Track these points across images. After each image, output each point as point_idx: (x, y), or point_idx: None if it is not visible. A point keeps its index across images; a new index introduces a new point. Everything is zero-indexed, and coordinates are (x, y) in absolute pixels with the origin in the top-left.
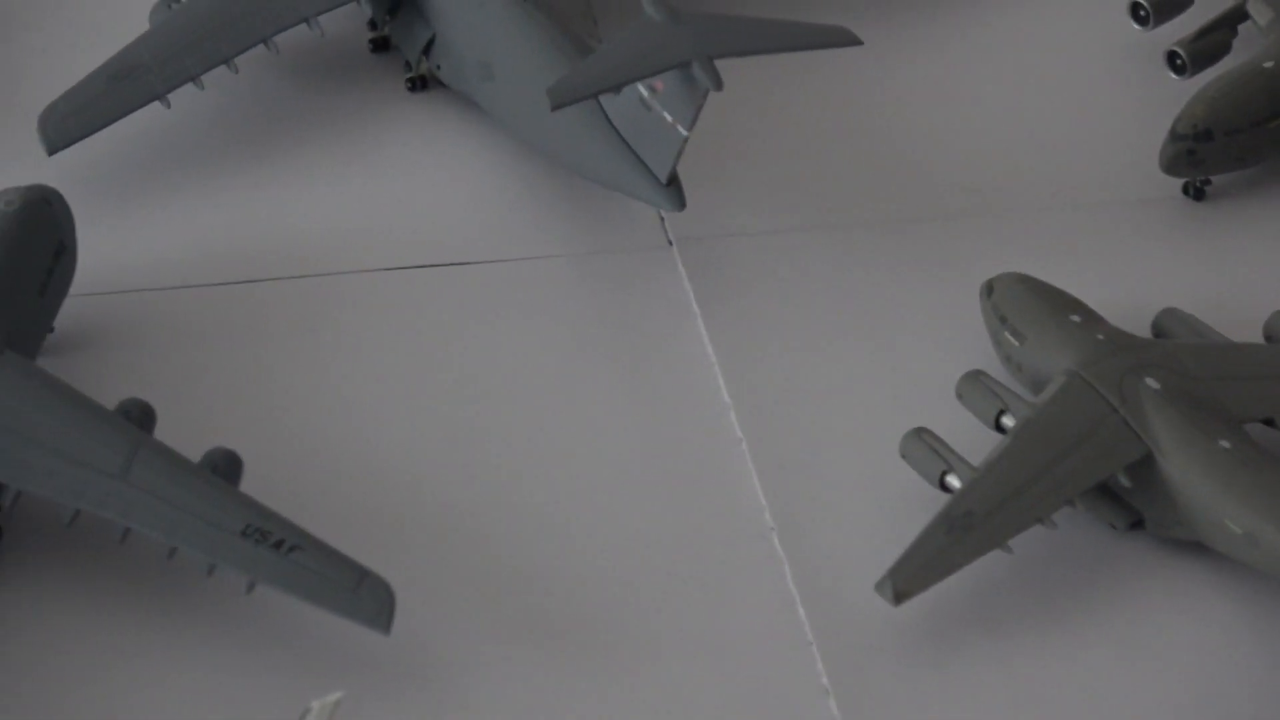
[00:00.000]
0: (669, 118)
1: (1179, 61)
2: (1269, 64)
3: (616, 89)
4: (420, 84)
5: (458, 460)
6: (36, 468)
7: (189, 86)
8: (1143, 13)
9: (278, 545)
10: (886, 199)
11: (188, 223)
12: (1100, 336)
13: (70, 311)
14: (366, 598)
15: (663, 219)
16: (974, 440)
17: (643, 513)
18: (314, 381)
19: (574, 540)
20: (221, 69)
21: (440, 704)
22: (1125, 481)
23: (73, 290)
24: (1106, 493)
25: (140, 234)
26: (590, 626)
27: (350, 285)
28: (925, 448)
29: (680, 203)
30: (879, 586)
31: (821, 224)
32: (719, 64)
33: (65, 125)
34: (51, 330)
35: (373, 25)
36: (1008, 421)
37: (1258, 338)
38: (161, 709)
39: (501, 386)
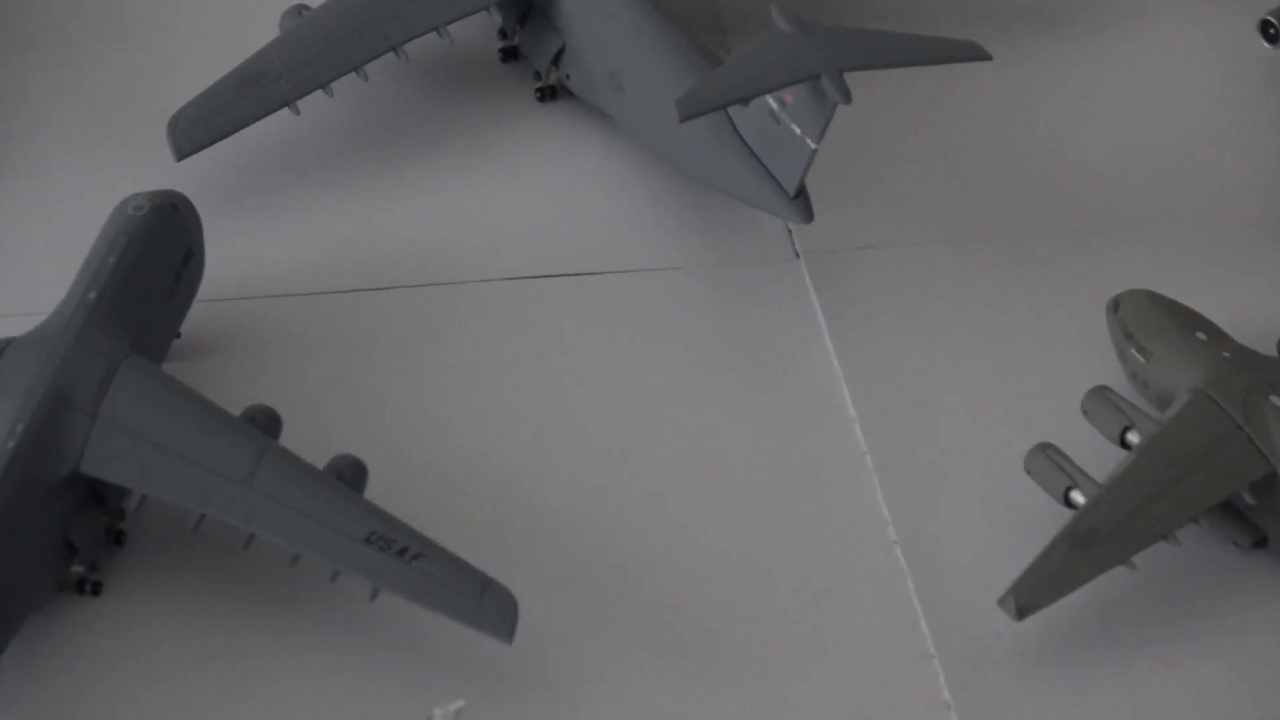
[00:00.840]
0: (798, 130)
1: (1272, 31)
2: None
3: (745, 101)
4: (549, 94)
5: (580, 470)
6: (162, 472)
7: (318, 93)
8: (1272, 30)
9: (401, 553)
10: (1014, 213)
11: (315, 229)
12: (1226, 354)
13: (197, 317)
14: (489, 606)
15: (790, 231)
16: (1099, 456)
17: (766, 525)
18: (438, 390)
19: (696, 551)
20: (351, 76)
21: (560, 713)
22: (1250, 499)
23: (200, 295)
24: (1231, 510)
25: (268, 240)
26: (711, 638)
27: (474, 294)
28: (1050, 463)
29: (808, 215)
30: (1002, 601)
31: (948, 237)
32: (848, 77)
33: (194, 131)
34: (178, 335)
35: (503, 34)
36: (1133, 438)
37: None
38: (283, 716)
39: (624, 397)
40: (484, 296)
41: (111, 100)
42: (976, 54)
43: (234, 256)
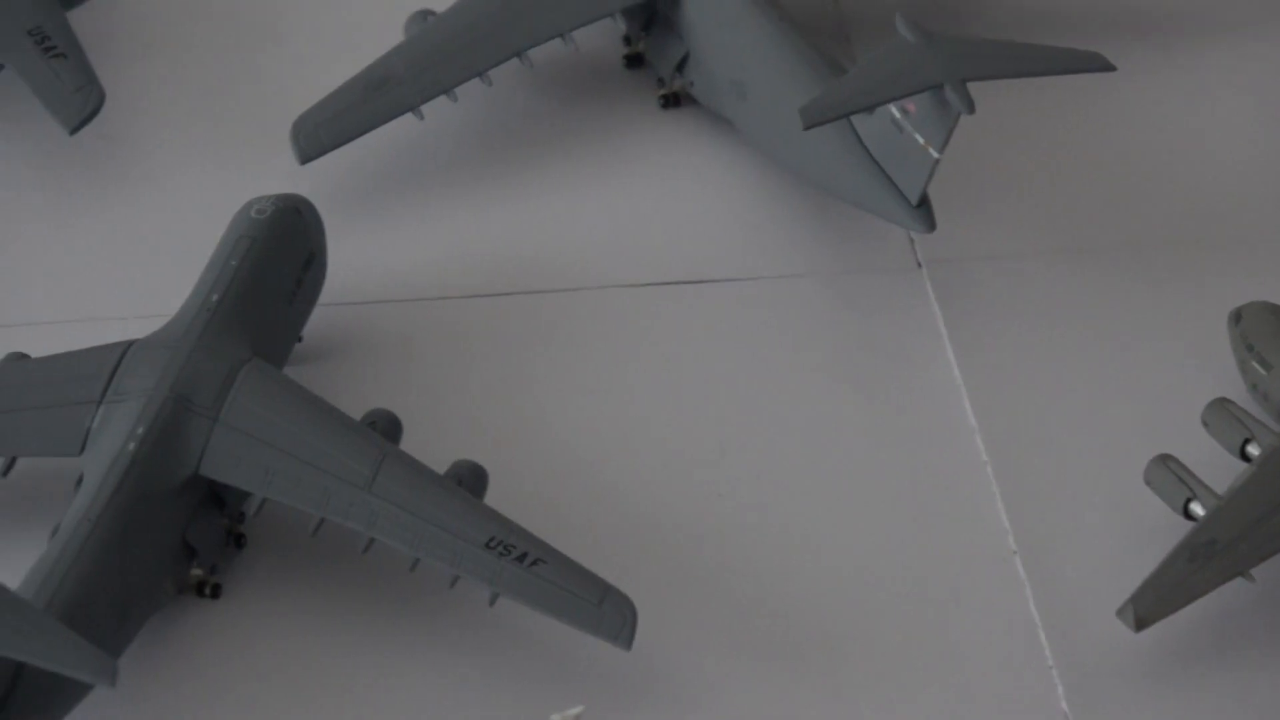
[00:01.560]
0: (920, 139)
1: None
2: None
3: (869, 110)
4: (673, 101)
5: (698, 478)
6: (282, 476)
7: (442, 98)
8: None
9: (521, 558)
10: (1136, 223)
11: (435, 235)
12: None
13: (319, 320)
14: (609, 613)
15: (912, 241)
16: (1219, 468)
17: (885, 534)
18: (557, 396)
19: (813, 560)
20: (475, 81)
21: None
22: None
23: (322, 299)
24: None
25: (390, 244)
26: (828, 647)
27: (594, 300)
28: (1170, 475)
29: (930, 224)
30: (1121, 612)
31: (1070, 248)
32: (972, 86)
33: (318, 135)
34: (300, 339)
35: (627, 41)
36: (1253, 450)
37: None
38: None
39: (743, 404)
40: (604, 303)
41: (236, 103)
42: (1099, 65)
43: (356, 260)
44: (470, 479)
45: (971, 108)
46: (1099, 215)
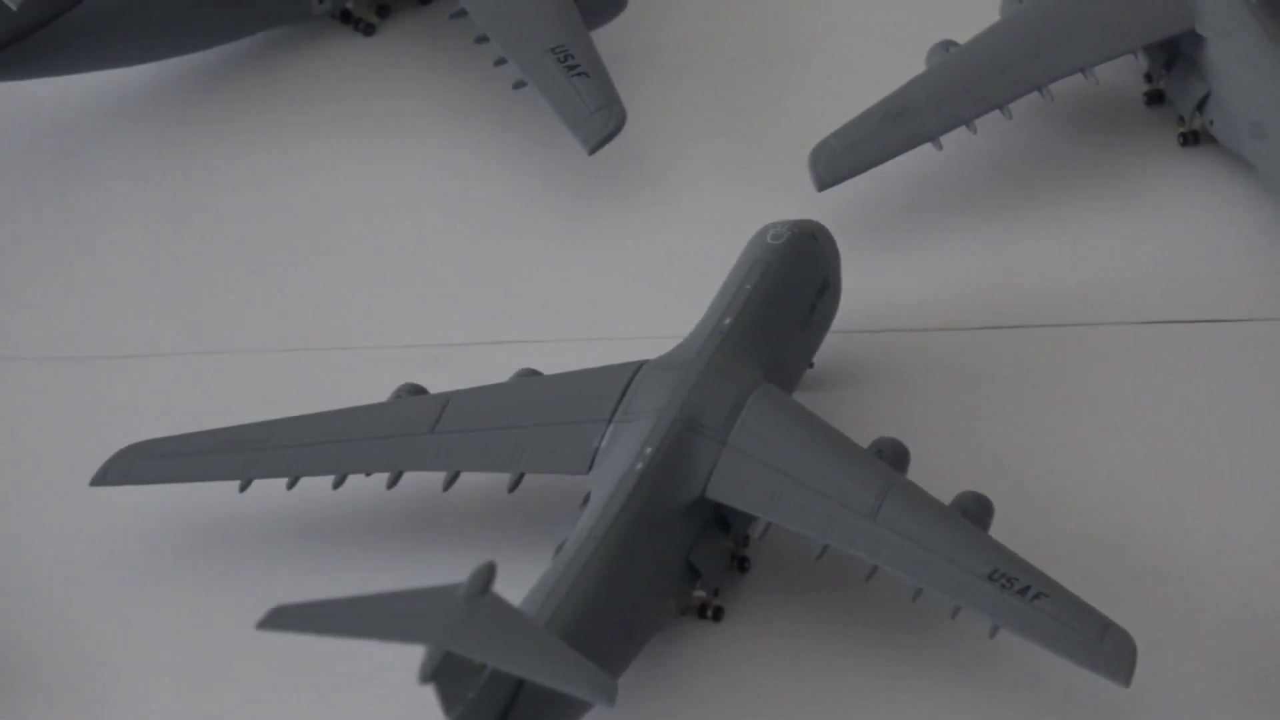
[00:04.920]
0: None
1: None
2: None
3: None
4: (1192, 139)
5: (1205, 518)
6: (788, 501)
7: (961, 129)
8: None
9: (1023, 591)
10: None
11: (948, 265)
12: None
13: (830, 347)
14: (1108, 648)
15: None
16: None
17: None
18: (1062, 433)
19: None
20: (995, 113)
21: None
22: None
23: (834, 326)
24: None
25: (901, 274)
26: None
27: (1106, 337)
28: None
29: None
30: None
31: None
32: None
33: (836, 162)
34: (811, 365)
35: (1148, 78)
36: None
37: None
38: None
39: (1249, 451)
40: (1116, 340)
41: (755, 126)
42: None
43: (869, 288)
44: (975, 511)
45: None
46: None
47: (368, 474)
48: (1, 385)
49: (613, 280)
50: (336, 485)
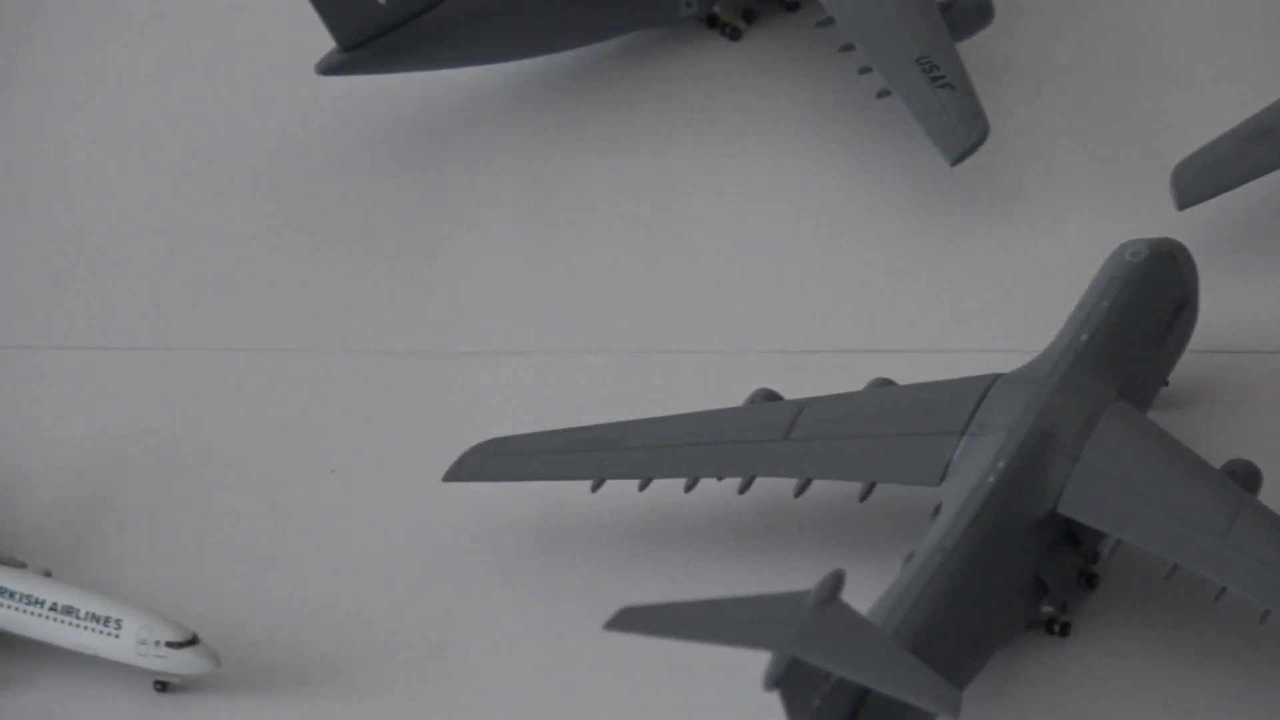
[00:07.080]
0: None
1: None
2: None
3: None
4: None
5: None
6: (1140, 519)
7: None
8: None
9: None
10: None
11: None
12: None
13: (1186, 366)
14: None
15: None
16: None
17: None
18: None
19: None
20: None
21: None
22: None
23: (1191, 345)
24: None
25: (1263, 295)
26: None
27: None
28: None
29: None
30: None
31: None
32: None
33: (1197, 181)
34: (1166, 384)
35: None
36: None
37: None
38: None
39: None
40: None
41: (1118, 142)
42: None
43: (1228, 308)
44: None
45: None
46: None
47: (720, 478)
48: (363, 378)
49: (968, 292)
50: (688, 488)
